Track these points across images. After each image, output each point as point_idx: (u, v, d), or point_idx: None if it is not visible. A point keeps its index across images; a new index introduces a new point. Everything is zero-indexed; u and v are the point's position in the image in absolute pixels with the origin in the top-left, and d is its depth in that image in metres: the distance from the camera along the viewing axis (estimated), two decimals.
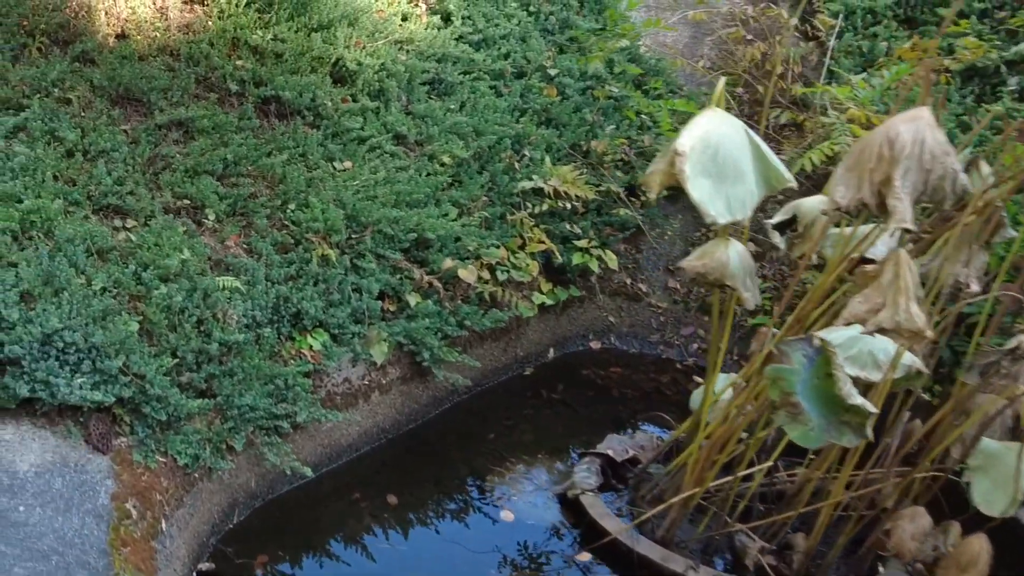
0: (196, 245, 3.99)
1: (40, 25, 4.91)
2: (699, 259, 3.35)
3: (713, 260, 3.32)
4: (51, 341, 3.39)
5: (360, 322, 4.20)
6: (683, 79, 5.94)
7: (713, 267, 3.32)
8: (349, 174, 4.56)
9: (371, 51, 5.14)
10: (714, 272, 3.33)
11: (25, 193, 3.88)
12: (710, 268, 3.33)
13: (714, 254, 3.34)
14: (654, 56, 5.79)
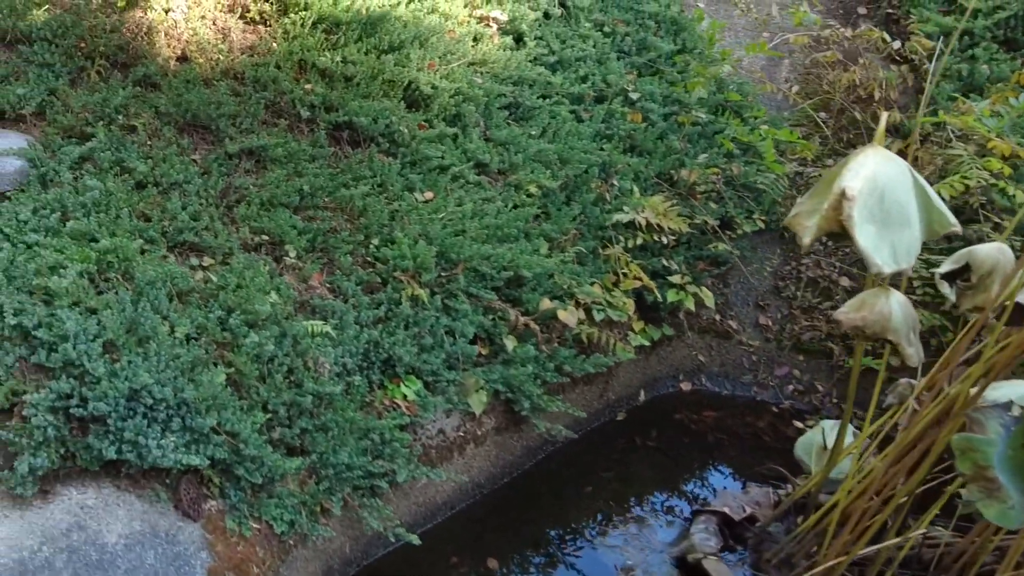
0: (281, 286, 3.70)
1: (99, 47, 4.65)
2: (857, 311, 3.06)
3: (873, 312, 3.03)
4: (139, 397, 3.10)
5: (454, 368, 3.91)
6: (763, 104, 5.68)
7: (873, 320, 3.03)
8: (432, 206, 4.28)
9: (445, 74, 4.87)
10: (874, 325, 3.04)
11: (100, 231, 3.59)
12: (870, 321, 3.04)
13: (874, 306, 3.04)
14: (733, 81, 5.52)
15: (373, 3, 5.10)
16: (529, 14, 5.39)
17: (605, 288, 4.43)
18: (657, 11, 5.75)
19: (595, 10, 5.64)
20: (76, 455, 3.11)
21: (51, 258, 3.39)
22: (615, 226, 4.62)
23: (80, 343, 3.13)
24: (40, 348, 3.15)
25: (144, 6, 4.91)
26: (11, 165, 3.98)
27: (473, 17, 5.36)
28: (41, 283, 3.27)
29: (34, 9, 4.79)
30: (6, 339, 3.17)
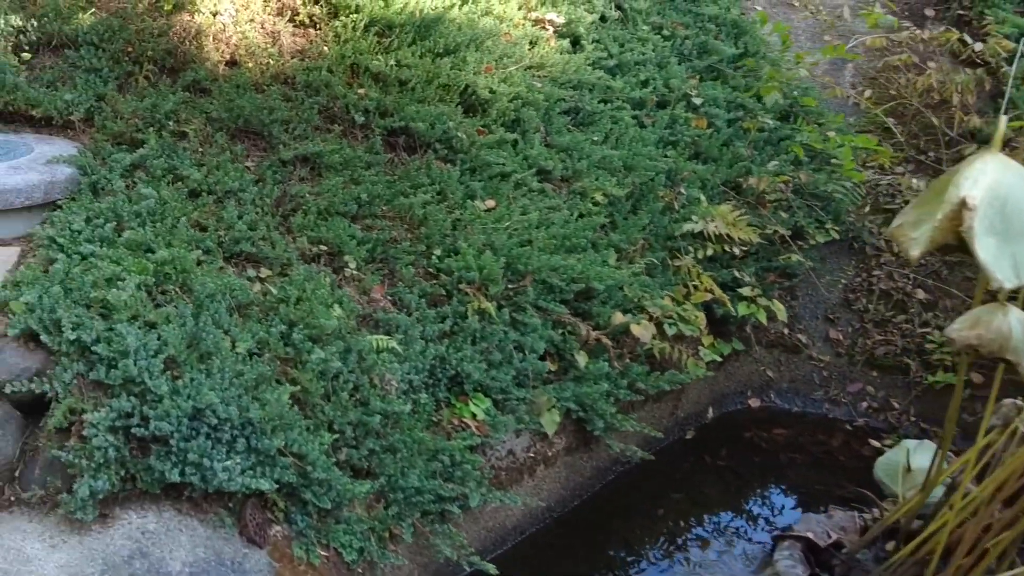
0: (343, 298, 3.54)
1: (147, 52, 4.53)
2: (971, 328, 2.86)
3: (990, 330, 2.83)
4: (202, 416, 2.95)
5: (523, 385, 3.74)
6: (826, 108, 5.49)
7: (990, 338, 2.83)
8: (495, 215, 4.12)
9: (503, 77, 4.71)
10: (991, 344, 2.83)
11: (156, 241, 3.44)
12: (986, 340, 2.83)
13: (991, 323, 2.84)
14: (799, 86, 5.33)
15: (426, 5, 4.96)
16: (586, 16, 5.24)
17: (675, 301, 4.25)
18: (717, 14, 5.58)
19: (653, 13, 5.48)
20: (136, 477, 2.96)
21: (108, 270, 3.24)
22: (683, 236, 4.44)
23: (141, 359, 2.98)
24: (99, 364, 3.00)
25: (191, 10, 4.79)
26: (62, 173, 3.85)
27: (528, 20, 5.21)
28: (99, 296, 3.13)
29: (80, 13, 4.67)
30: (63, 355, 3.03)
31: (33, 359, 3.12)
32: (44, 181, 3.77)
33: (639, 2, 5.50)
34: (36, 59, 4.61)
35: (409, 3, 4.89)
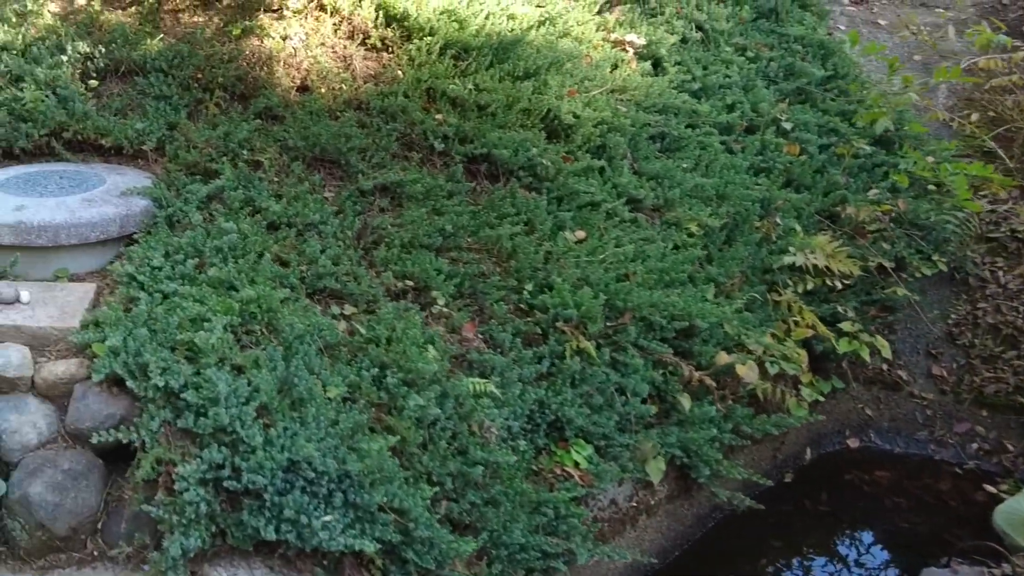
0: (435, 338, 3.34)
1: (217, 78, 4.39)
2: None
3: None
4: (297, 469, 2.75)
5: (625, 431, 3.52)
6: None
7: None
8: (587, 247, 3.93)
9: (587, 102, 4.52)
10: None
11: (239, 278, 3.27)
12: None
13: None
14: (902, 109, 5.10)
15: (502, 27, 4.79)
16: (668, 38, 5.05)
17: (776, 338, 4.02)
18: (803, 34, 5.38)
19: (735, 34, 5.29)
20: (227, 532, 2.78)
21: (192, 310, 3.08)
22: (780, 269, 4.21)
23: (232, 406, 2.80)
24: (187, 412, 2.83)
25: (260, 35, 4.66)
26: (137, 205, 3.71)
27: (607, 41, 5.03)
28: (185, 338, 2.95)
29: (148, 39, 4.55)
30: (150, 401, 2.86)
31: (117, 405, 2.96)
32: (119, 214, 3.63)
33: (721, 23, 5.31)
34: (103, 86, 4.49)
35: (485, 25, 4.73)
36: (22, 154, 4.23)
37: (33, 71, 4.29)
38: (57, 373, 3.05)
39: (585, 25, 5.03)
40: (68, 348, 3.17)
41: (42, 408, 3.02)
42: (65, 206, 3.62)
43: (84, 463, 2.91)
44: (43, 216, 3.53)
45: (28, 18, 4.69)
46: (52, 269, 3.63)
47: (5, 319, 3.20)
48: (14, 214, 3.53)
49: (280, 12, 4.86)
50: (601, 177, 4.33)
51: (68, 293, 3.41)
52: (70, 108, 4.19)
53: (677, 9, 5.36)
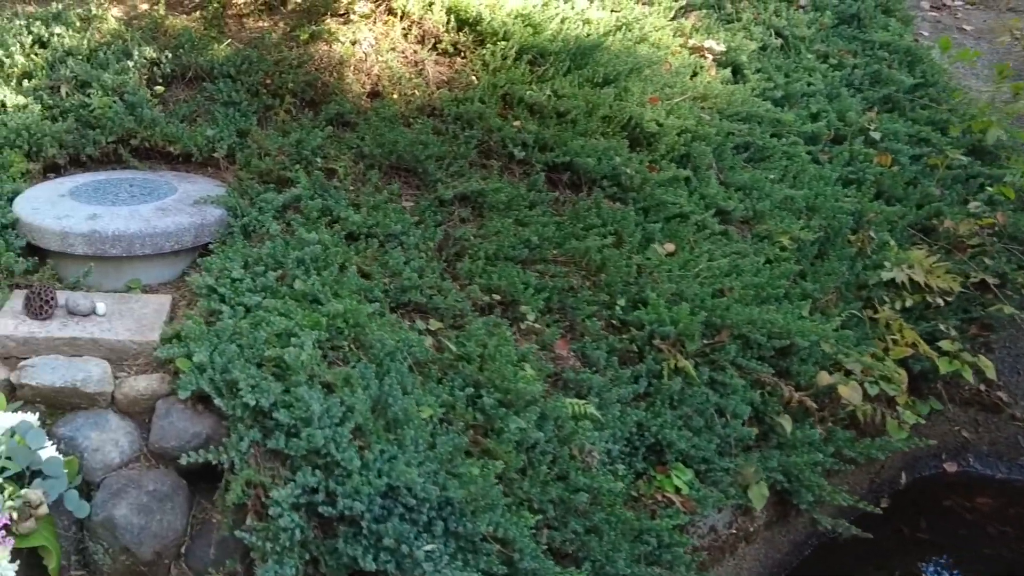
0: (527, 355, 3.18)
1: (287, 84, 4.28)
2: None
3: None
4: (396, 494, 2.59)
5: (724, 454, 3.33)
6: None
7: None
8: (678, 261, 3.75)
9: (670, 109, 4.36)
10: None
11: (323, 291, 3.12)
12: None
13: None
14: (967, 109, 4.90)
15: (577, 32, 4.65)
16: (748, 45, 4.88)
17: (874, 357, 3.83)
18: (888, 41, 5.20)
19: (817, 40, 5.12)
20: (320, 560, 2.63)
21: (279, 324, 2.93)
22: (876, 285, 4.02)
23: (325, 427, 2.65)
24: (277, 432, 2.68)
25: (328, 39, 4.54)
26: (211, 214, 3.58)
27: (685, 48, 4.87)
28: (273, 354, 2.80)
29: (214, 44, 4.44)
30: (238, 420, 2.71)
31: (202, 423, 2.82)
32: (194, 224, 3.51)
33: (801, 29, 5.14)
34: (168, 92, 4.39)
35: (561, 30, 4.59)
36: (89, 161, 4.13)
37: (100, 77, 4.19)
38: (139, 389, 2.92)
39: (662, 31, 4.87)
40: (148, 363, 3.04)
41: (123, 425, 2.89)
42: (139, 215, 3.50)
43: (169, 484, 2.77)
44: (117, 225, 3.41)
45: (92, 23, 4.60)
46: (124, 280, 3.51)
47: (82, 332, 3.07)
48: (88, 223, 3.42)
49: (347, 16, 4.75)
50: (687, 187, 4.16)
51: (144, 305, 3.29)
52: (138, 114, 4.09)
53: (754, 15, 5.20)
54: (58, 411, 2.94)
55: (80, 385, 2.89)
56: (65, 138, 4.01)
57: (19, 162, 3.90)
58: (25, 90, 4.19)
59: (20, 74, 4.29)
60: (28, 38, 4.40)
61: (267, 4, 4.87)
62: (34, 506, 2.49)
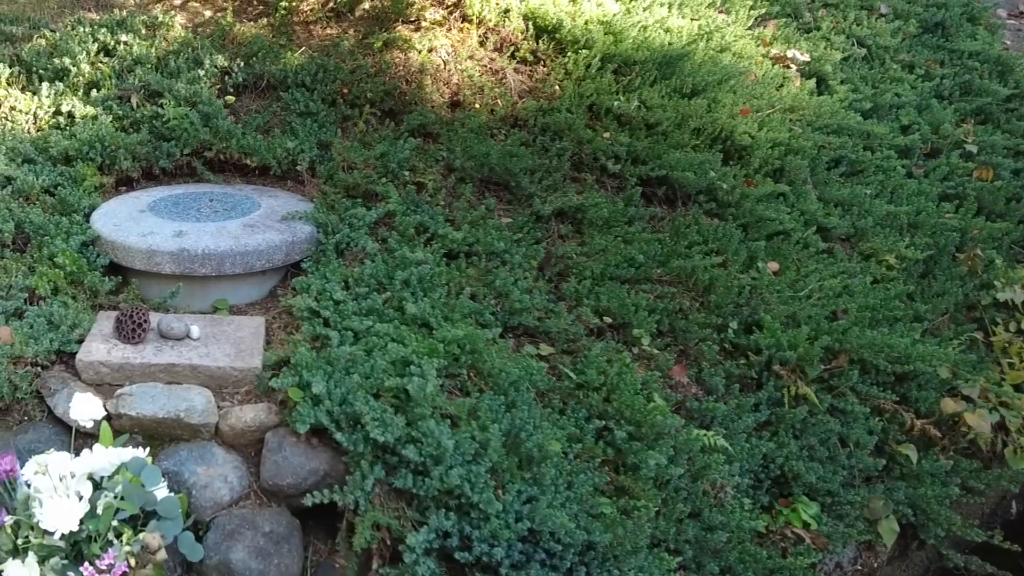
0: (651, 383, 2.97)
1: (365, 93, 4.08)
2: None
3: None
4: (538, 539, 2.38)
5: (849, 486, 3.12)
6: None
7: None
8: (786, 280, 3.54)
9: (761, 122, 4.16)
10: None
11: (433, 314, 2.92)
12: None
13: None
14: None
15: (660, 40, 4.45)
16: (832, 54, 4.68)
17: (991, 381, 3.62)
18: (978, 50, 5.00)
19: (901, 50, 4.92)
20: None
21: (394, 351, 2.72)
22: (987, 306, 3.82)
23: (458, 465, 2.44)
24: (403, 469, 2.47)
25: (404, 47, 4.33)
26: (301, 231, 3.38)
27: (767, 57, 4.67)
28: (393, 384, 2.59)
29: (288, 52, 4.24)
30: (361, 456, 2.50)
31: (318, 459, 2.61)
32: (285, 241, 3.30)
33: (884, 38, 4.95)
34: (239, 102, 4.18)
35: (644, 38, 4.39)
36: (161, 174, 3.93)
37: (173, 86, 3.98)
38: (245, 420, 2.71)
39: (743, 40, 4.67)
40: (250, 391, 2.84)
41: (229, 459, 2.68)
42: (227, 232, 3.30)
43: (285, 524, 2.57)
44: (206, 243, 3.21)
45: (158, 30, 4.39)
46: (211, 300, 3.32)
47: (180, 357, 2.87)
48: (175, 241, 3.21)
49: (417, 23, 4.55)
50: (786, 203, 3.96)
51: (238, 328, 3.08)
52: (213, 125, 3.89)
53: (833, 23, 5.00)
54: (155, 442, 2.73)
55: (184, 416, 2.69)
56: (139, 150, 3.81)
57: (92, 175, 3.70)
58: (93, 100, 3.99)
59: (86, 84, 4.09)
60: (93, 46, 4.20)
61: (335, 11, 4.67)
62: (152, 551, 2.28)
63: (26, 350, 2.81)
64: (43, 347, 2.85)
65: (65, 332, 2.93)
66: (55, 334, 2.91)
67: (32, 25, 4.44)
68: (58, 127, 3.91)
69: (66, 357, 2.97)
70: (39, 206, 3.46)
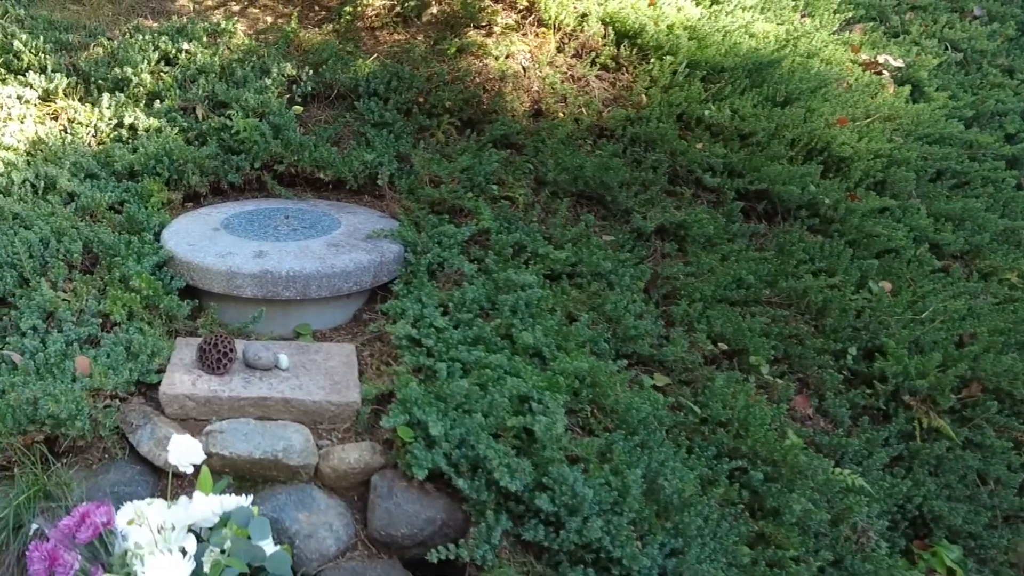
0: (779, 415, 2.72)
1: (443, 102, 3.84)
2: None
3: None
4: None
5: (992, 527, 2.85)
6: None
7: None
8: (902, 302, 3.28)
9: (861, 131, 3.91)
10: None
11: (545, 343, 2.67)
12: None
13: None
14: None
15: (747, 45, 4.20)
16: (927, 60, 4.42)
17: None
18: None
19: (1000, 54, 4.65)
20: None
21: (512, 386, 2.47)
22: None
23: (593, 515, 2.19)
24: (531, 520, 2.22)
25: (479, 53, 4.10)
26: (389, 251, 3.15)
27: (857, 64, 4.41)
28: (516, 424, 2.35)
29: (359, 60, 4.01)
30: (484, 505, 2.25)
31: (433, 506, 2.38)
32: (373, 262, 3.07)
33: (981, 42, 4.68)
34: (307, 112, 3.95)
35: (735, 44, 4.14)
36: (229, 189, 3.70)
37: (240, 96, 3.76)
38: (349, 461, 2.47)
39: (831, 45, 4.42)
40: (349, 428, 2.60)
41: (332, 505, 2.45)
42: (311, 252, 3.07)
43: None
44: (291, 264, 2.98)
45: (221, 37, 4.17)
46: (292, 325, 3.09)
47: (271, 390, 2.63)
48: (256, 262, 2.98)
49: (489, 29, 4.32)
50: (892, 218, 3.70)
51: (327, 356, 2.85)
52: (284, 137, 3.67)
53: (923, 27, 4.74)
54: (245, 483, 2.50)
55: (282, 456, 2.45)
56: (207, 164, 3.60)
57: (159, 191, 3.48)
58: (156, 112, 3.78)
59: (148, 94, 3.87)
60: (154, 55, 3.98)
61: (401, 15, 4.45)
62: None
63: (106, 382, 2.59)
64: (123, 378, 2.62)
65: (144, 362, 2.71)
66: (134, 364, 2.69)
67: (88, 33, 4.23)
68: (120, 140, 3.70)
69: (143, 388, 2.75)
70: (106, 224, 3.24)
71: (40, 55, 3.97)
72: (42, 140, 3.61)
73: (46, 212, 3.25)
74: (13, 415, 2.47)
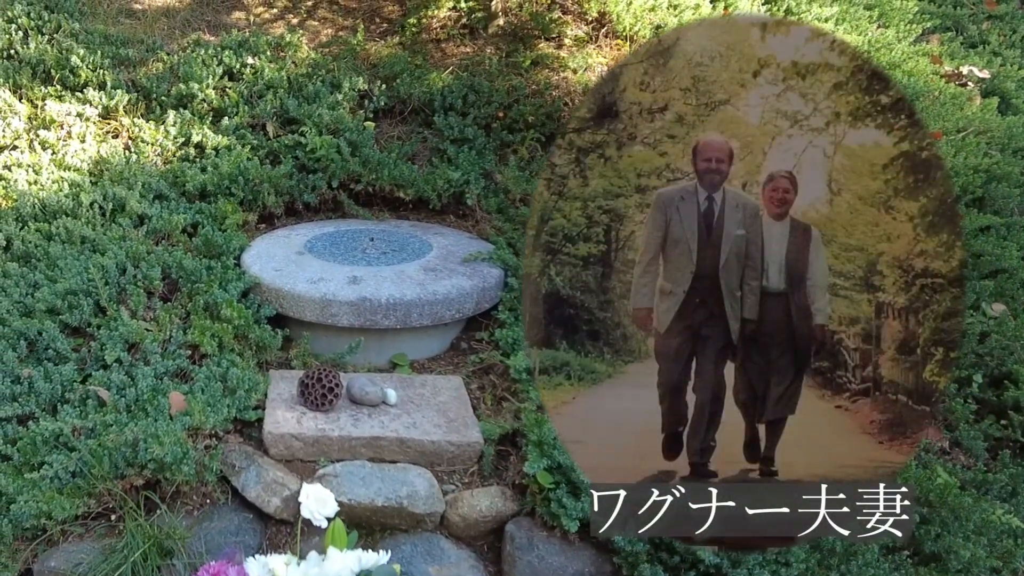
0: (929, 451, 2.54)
1: (525, 116, 3.66)
2: None
3: None
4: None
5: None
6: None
7: None
8: (1022, 324, 3.09)
9: (957, 146, 3.74)
10: None
11: None
12: None
13: None
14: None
15: None
16: (1013, 70, 4.26)
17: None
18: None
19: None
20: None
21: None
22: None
23: (759, 567, 2.00)
24: (689, 573, 2.03)
25: (555, 65, 3.93)
26: (490, 276, 2.97)
27: (939, 75, 4.25)
28: None
29: (433, 73, 3.83)
30: (638, 558, 2.06)
31: (580, 559, 2.19)
32: (476, 287, 2.89)
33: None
34: (378, 128, 3.77)
35: None
36: (304, 209, 3.52)
37: (313, 112, 3.58)
38: (480, 509, 2.28)
39: (913, 57, 4.25)
40: (474, 472, 2.41)
41: (463, 556, 2.26)
42: (408, 277, 2.89)
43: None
44: (390, 291, 2.79)
45: (286, 51, 3.99)
46: (387, 355, 2.91)
47: (383, 429, 2.45)
48: (352, 288, 2.80)
49: (559, 40, 4.15)
50: (996, 237, 3.52)
51: (434, 390, 2.67)
52: (362, 155, 3.48)
53: (1002, 37, 4.59)
54: (362, 531, 2.31)
55: (407, 504, 2.27)
56: (282, 184, 3.41)
57: (234, 213, 3.29)
58: (224, 129, 3.59)
59: (214, 111, 3.68)
60: (218, 69, 3.79)
61: (468, 27, 4.27)
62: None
63: (205, 420, 2.39)
64: (222, 416, 2.43)
65: (243, 397, 2.53)
66: (232, 400, 2.50)
67: (146, 48, 4.04)
68: (187, 159, 3.51)
69: (239, 426, 2.56)
70: (182, 248, 3.05)
71: (98, 71, 3.78)
72: (105, 159, 3.42)
73: (117, 236, 3.06)
74: (110, 458, 2.28)
